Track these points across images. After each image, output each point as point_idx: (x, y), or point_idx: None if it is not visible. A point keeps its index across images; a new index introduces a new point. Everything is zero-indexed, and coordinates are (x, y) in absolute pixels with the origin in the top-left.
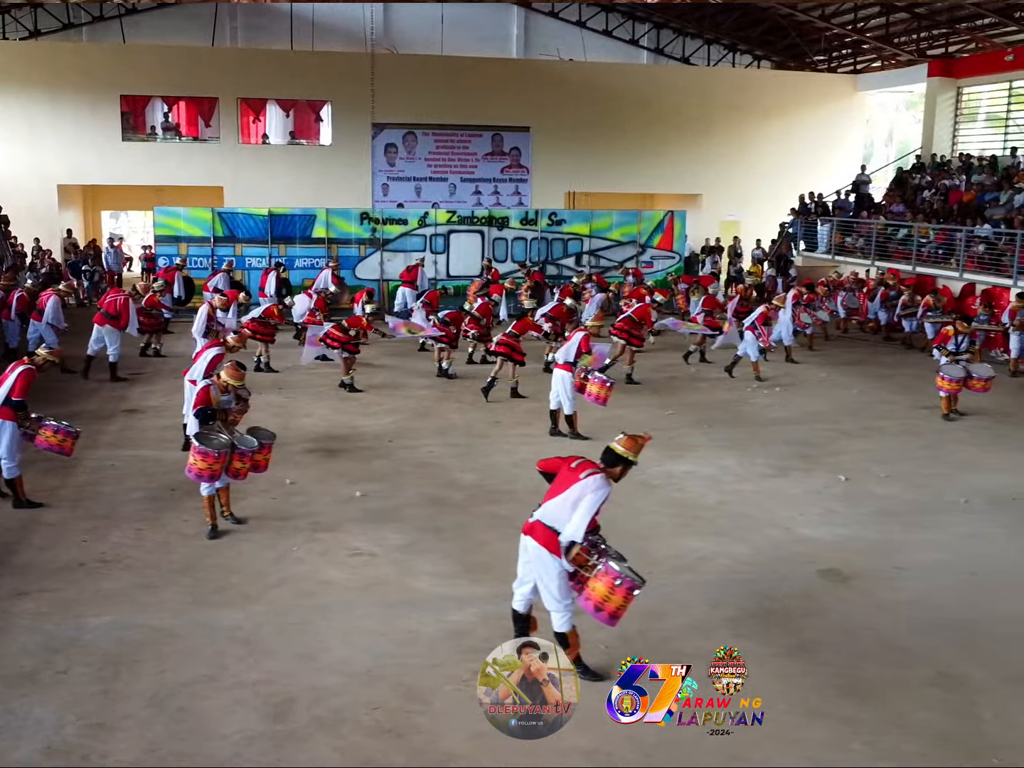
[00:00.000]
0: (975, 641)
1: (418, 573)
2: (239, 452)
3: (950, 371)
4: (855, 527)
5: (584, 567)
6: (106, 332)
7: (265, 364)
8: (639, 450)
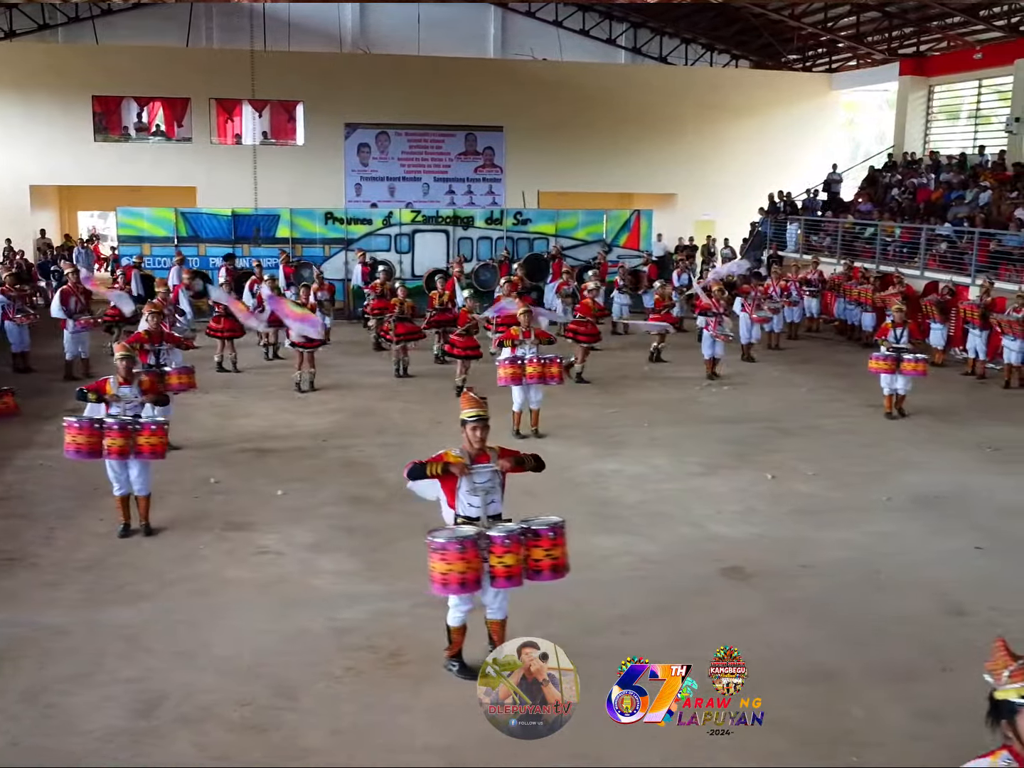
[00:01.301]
0: (862, 639)
1: (319, 572)
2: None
3: (880, 352)
4: (770, 525)
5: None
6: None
7: (232, 363)
8: (468, 406)
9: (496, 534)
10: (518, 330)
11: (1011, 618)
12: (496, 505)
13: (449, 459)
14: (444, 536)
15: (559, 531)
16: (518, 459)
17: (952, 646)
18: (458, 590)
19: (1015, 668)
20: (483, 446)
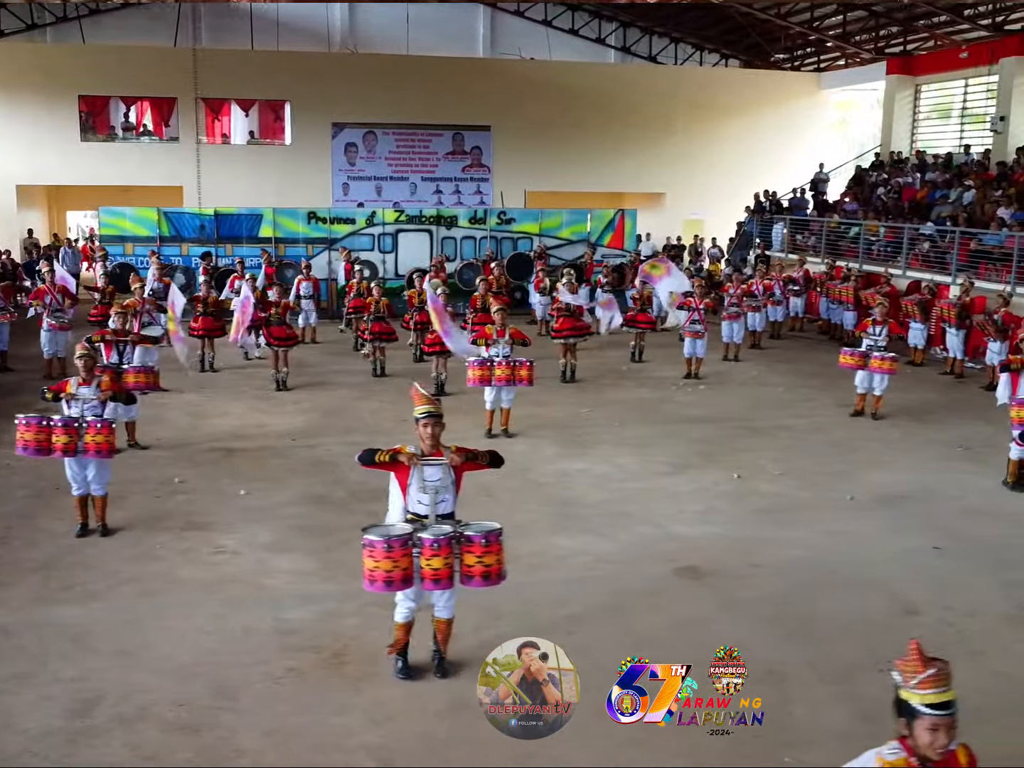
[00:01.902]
0: (810, 639)
1: (273, 571)
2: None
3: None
4: (730, 525)
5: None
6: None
7: (210, 364)
8: (419, 402)
9: (426, 536)
10: (492, 329)
11: (963, 618)
12: (447, 504)
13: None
14: (374, 534)
15: (493, 538)
16: (471, 455)
17: (900, 646)
18: (383, 588)
19: (924, 677)
20: (435, 443)
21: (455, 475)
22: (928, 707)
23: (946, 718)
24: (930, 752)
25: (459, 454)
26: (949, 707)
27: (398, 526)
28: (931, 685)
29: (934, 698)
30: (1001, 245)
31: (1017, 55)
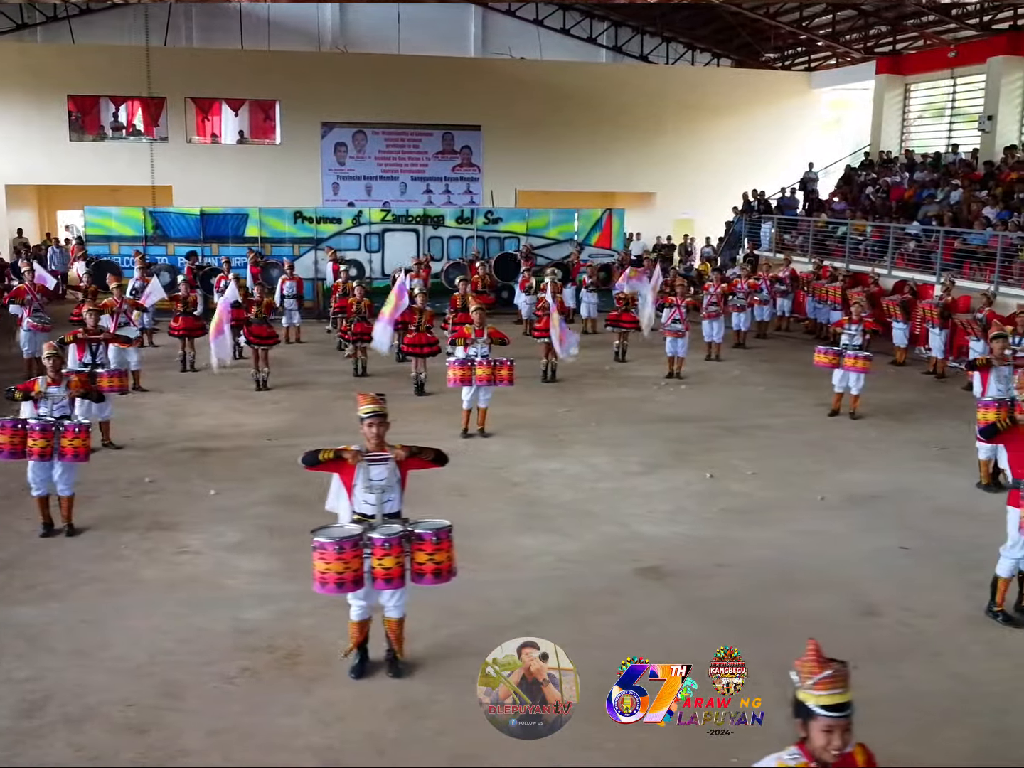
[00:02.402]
0: (765, 639)
1: (235, 572)
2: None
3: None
4: (696, 525)
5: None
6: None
7: (190, 363)
8: (364, 403)
9: (376, 536)
10: (471, 329)
11: (923, 619)
12: (393, 504)
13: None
14: (324, 535)
15: (443, 536)
16: (414, 451)
17: (856, 647)
18: (335, 590)
19: (820, 678)
20: (380, 442)
21: (400, 473)
22: (823, 708)
23: (841, 720)
24: (825, 755)
25: (404, 451)
26: (844, 709)
27: (348, 527)
28: (827, 687)
29: (829, 699)
30: (985, 244)
31: (1005, 54)
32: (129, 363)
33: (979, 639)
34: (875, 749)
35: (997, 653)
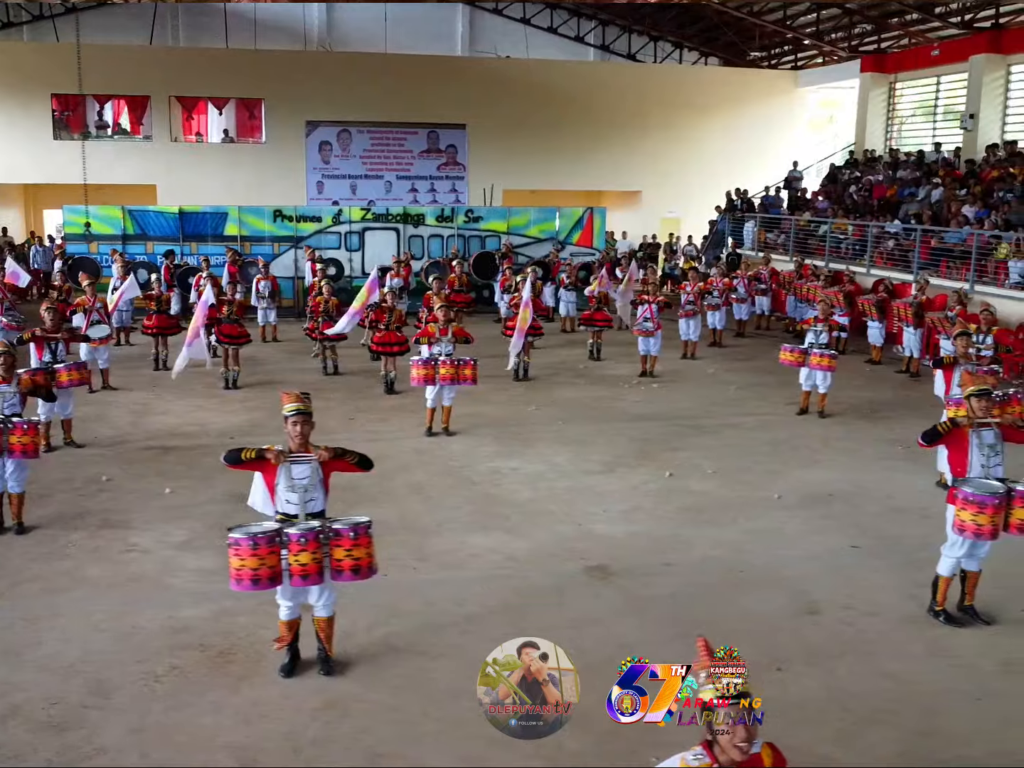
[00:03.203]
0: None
1: (179, 570)
2: None
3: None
4: (650, 524)
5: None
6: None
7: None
8: (287, 401)
9: (293, 532)
10: (435, 328)
11: (863, 618)
12: (316, 503)
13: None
14: (240, 532)
15: (361, 532)
16: (338, 452)
17: (794, 646)
18: (250, 586)
19: (712, 671)
20: (304, 441)
21: (323, 473)
22: (722, 699)
23: (741, 711)
24: (731, 750)
25: (328, 451)
26: (739, 699)
27: (265, 524)
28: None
29: (727, 690)
30: (962, 243)
31: (986, 52)
32: (98, 361)
33: (918, 639)
34: (799, 750)
35: (934, 653)
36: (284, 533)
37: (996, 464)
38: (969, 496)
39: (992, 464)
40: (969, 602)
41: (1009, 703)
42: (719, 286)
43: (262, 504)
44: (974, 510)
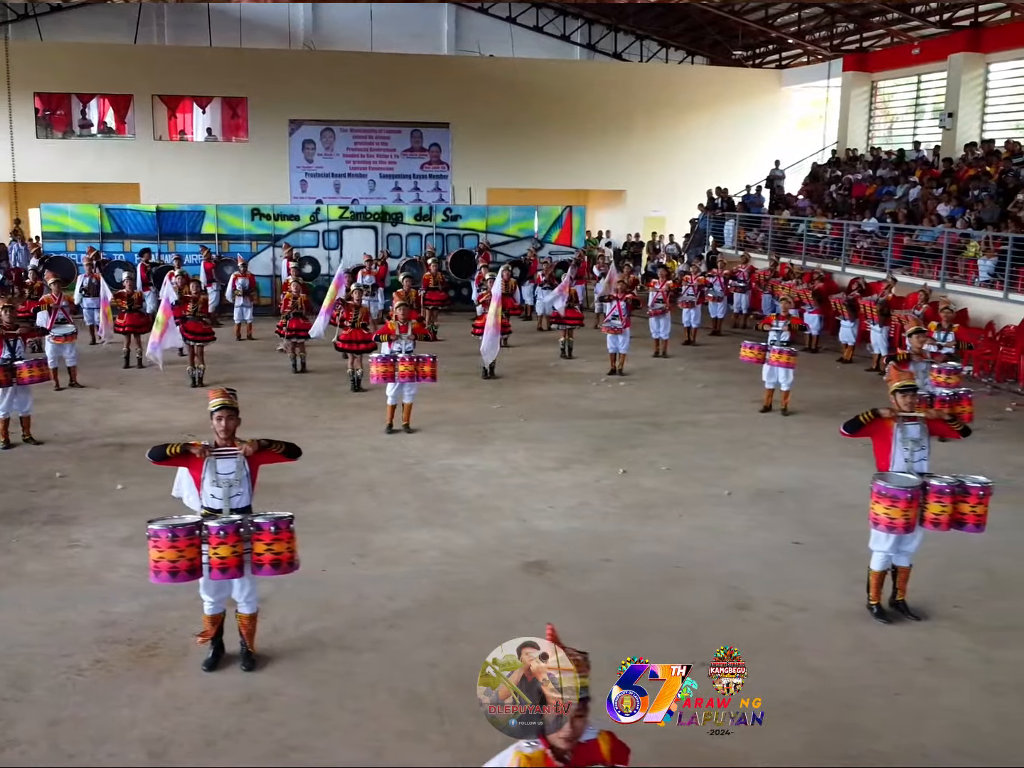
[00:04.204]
0: (629, 634)
1: (118, 565)
2: None
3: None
4: (595, 520)
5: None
6: None
7: (137, 359)
8: (213, 396)
9: (212, 525)
10: (395, 325)
11: (793, 613)
12: (241, 498)
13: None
14: (159, 524)
15: (282, 526)
16: (263, 444)
17: (719, 641)
18: (168, 579)
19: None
20: (229, 436)
21: (249, 468)
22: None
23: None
24: (557, 740)
25: (253, 444)
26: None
27: (185, 517)
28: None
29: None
30: (934, 241)
31: (965, 51)
32: (65, 359)
33: (845, 634)
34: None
35: (860, 648)
36: (204, 526)
37: (920, 459)
38: (882, 489)
39: (916, 459)
40: (901, 597)
41: (926, 699)
42: (693, 284)
43: (188, 497)
44: (887, 503)
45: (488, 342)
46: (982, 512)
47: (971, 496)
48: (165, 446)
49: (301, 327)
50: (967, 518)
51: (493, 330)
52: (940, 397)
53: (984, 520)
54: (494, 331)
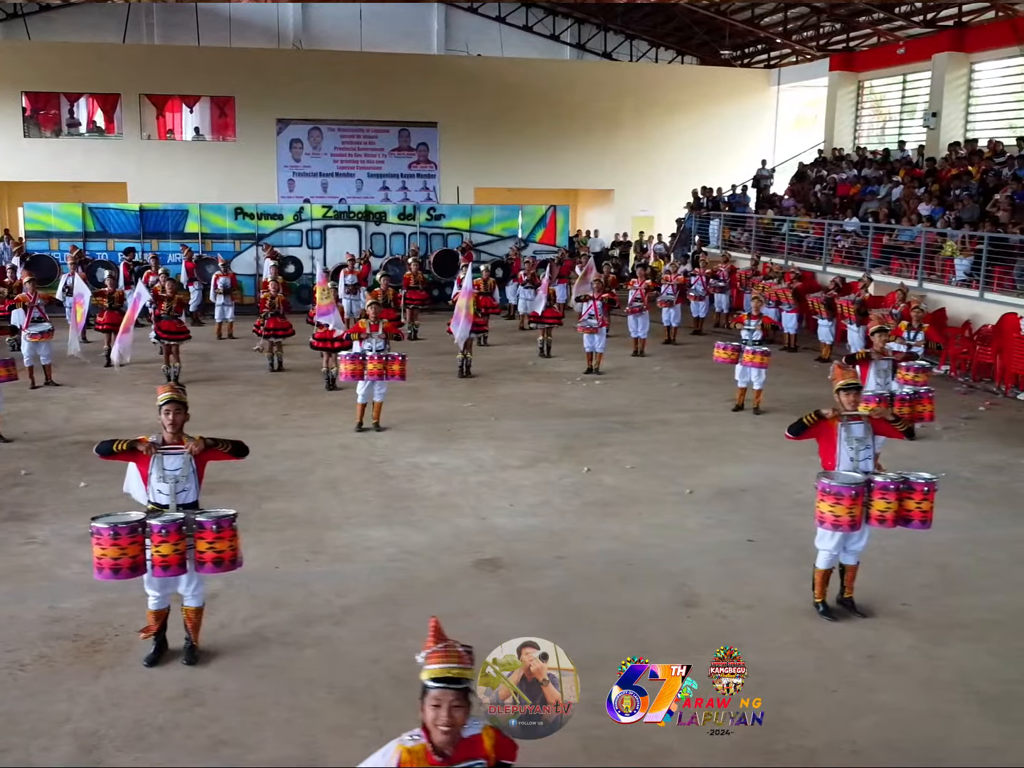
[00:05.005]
0: (574, 630)
1: (72, 562)
2: None
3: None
4: (554, 518)
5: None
6: None
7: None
8: (161, 391)
9: (154, 523)
10: (365, 323)
11: (739, 611)
12: (188, 494)
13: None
14: (102, 522)
15: (225, 525)
16: (210, 442)
17: (662, 638)
18: (110, 575)
19: (431, 651)
20: (177, 431)
21: (196, 464)
22: (432, 681)
23: (447, 692)
24: (435, 732)
25: (199, 443)
26: (452, 683)
27: (129, 514)
28: (437, 660)
29: (438, 672)
30: (912, 241)
31: (949, 51)
32: (40, 357)
33: (790, 631)
34: (640, 739)
35: (803, 645)
36: (146, 524)
37: (865, 457)
38: (826, 487)
39: (861, 457)
40: (848, 595)
41: (864, 695)
42: (672, 283)
43: (137, 492)
44: (831, 501)
45: (460, 326)
46: (927, 508)
47: (916, 492)
48: (112, 441)
49: (279, 326)
50: (913, 514)
51: (465, 321)
52: (900, 396)
53: (930, 516)
54: (465, 321)
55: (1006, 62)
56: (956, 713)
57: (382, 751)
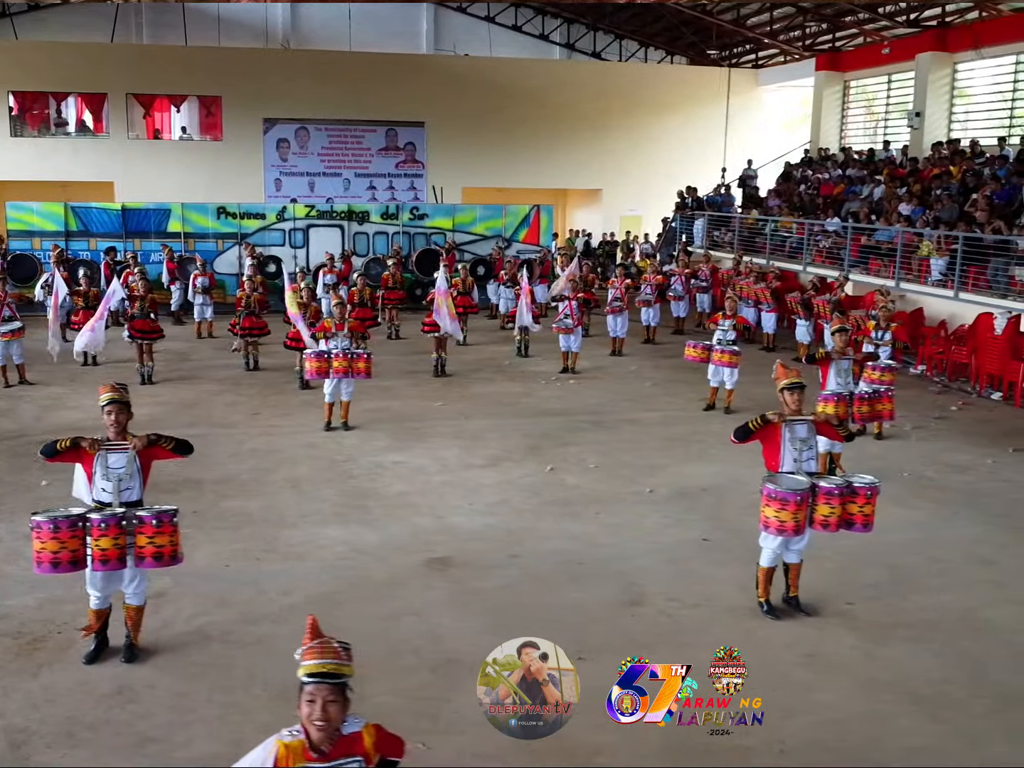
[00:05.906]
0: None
1: (20, 558)
2: None
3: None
4: (510, 517)
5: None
6: None
7: (92, 358)
8: (103, 391)
9: (94, 517)
10: (331, 322)
11: (687, 610)
12: (132, 492)
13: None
14: (42, 516)
15: (165, 519)
16: (152, 439)
17: (605, 636)
18: (50, 569)
19: (307, 648)
20: (120, 430)
21: (140, 463)
22: (306, 676)
23: (322, 688)
24: (310, 727)
25: (143, 439)
26: (327, 678)
27: (72, 509)
28: (312, 655)
29: (312, 667)
30: (890, 240)
31: (933, 50)
32: (12, 356)
33: (734, 629)
34: (572, 737)
35: (744, 644)
36: (87, 518)
37: (809, 458)
38: (772, 493)
39: (804, 458)
40: (793, 593)
41: (799, 694)
42: (651, 283)
43: (84, 493)
44: (776, 506)
45: (446, 322)
46: (869, 512)
47: (859, 497)
48: (56, 441)
49: (254, 326)
50: (855, 518)
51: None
52: (859, 395)
53: (872, 520)
54: (449, 318)
55: (989, 62)
56: (890, 713)
57: (262, 746)
